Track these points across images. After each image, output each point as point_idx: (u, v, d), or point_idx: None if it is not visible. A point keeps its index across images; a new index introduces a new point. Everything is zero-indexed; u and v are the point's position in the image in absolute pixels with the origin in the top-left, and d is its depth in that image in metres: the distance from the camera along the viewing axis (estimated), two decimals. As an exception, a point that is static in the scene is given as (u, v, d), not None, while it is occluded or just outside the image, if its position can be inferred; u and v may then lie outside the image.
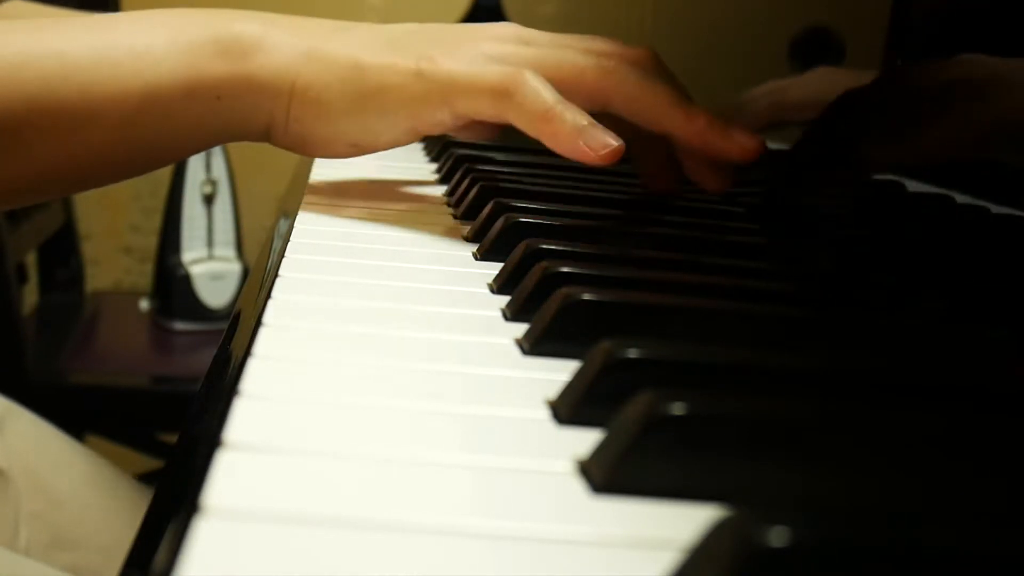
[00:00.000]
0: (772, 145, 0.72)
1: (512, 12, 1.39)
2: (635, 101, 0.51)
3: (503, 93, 0.49)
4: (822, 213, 0.63)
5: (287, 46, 0.51)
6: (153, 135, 0.51)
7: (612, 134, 0.48)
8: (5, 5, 0.88)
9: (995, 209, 0.62)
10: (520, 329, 0.38)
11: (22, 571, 0.68)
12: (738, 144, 0.51)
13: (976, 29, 0.69)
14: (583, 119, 0.48)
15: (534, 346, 0.36)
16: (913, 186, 0.70)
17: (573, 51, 0.52)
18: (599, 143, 0.48)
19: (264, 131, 0.53)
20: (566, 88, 0.50)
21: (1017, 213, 0.56)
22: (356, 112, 0.51)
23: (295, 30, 0.52)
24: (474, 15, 1.42)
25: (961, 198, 0.65)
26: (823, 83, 0.78)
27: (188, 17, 0.51)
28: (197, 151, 0.55)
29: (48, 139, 0.48)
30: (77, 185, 0.54)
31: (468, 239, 0.53)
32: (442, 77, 0.50)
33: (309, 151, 0.54)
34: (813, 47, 0.93)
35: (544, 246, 0.43)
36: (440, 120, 0.51)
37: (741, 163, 0.51)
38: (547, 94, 0.49)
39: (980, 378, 0.33)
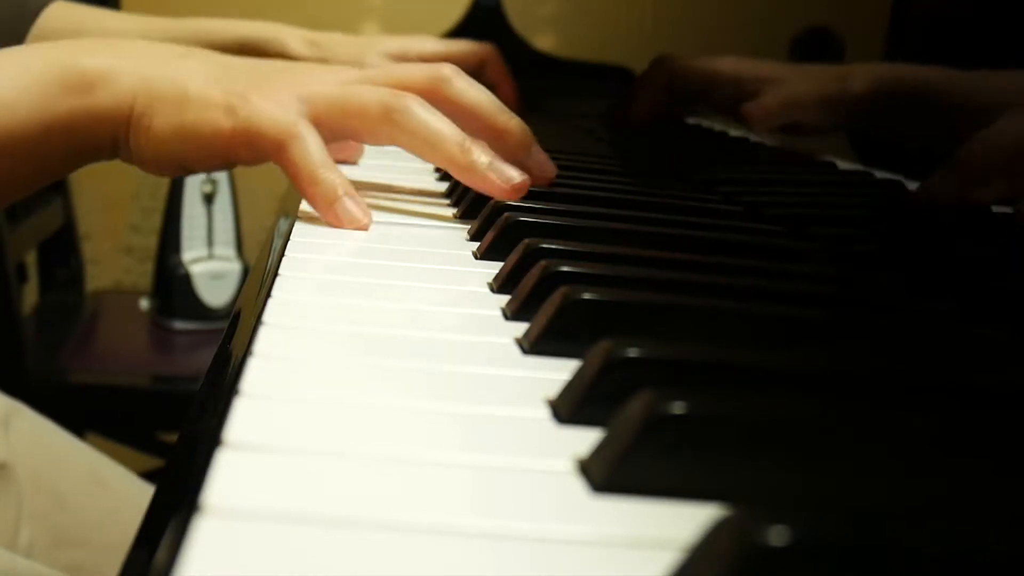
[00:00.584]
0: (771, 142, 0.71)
1: (512, 12, 1.39)
2: (415, 138, 0.54)
3: (279, 144, 0.52)
4: (822, 211, 0.63)
5: (128, 75, 0.54)
6: (15, 170, 0.55)
7: (364, 207, 0.52)
8: (51, 8, 0.89)
9: (995, 208, 0.62)
10: (520, 328, 0.38)
11: (20, 572, 0.68)
12: (495, 185, 0.54)
13: (975, 29, 0.69)
14: (341, 189, 0.52)
15: (534, 345, 0.36)
16: (912, 186, 0.70)
17: (368, 89, 0.55)
18: (351, 219, 0.52)
19: (112, 152, 0.56)
20: (353, 122, 0.54)
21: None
22: (175, 142, 0.54)
23: (139, 57, 0.56)
24: (474, 15, 1.42)
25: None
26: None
27: (37, 55, 0.55)
28: (55, 179, 0.59)
29: None
30: None
31: (468, 239, 0.53)
32: (244, 115, 0.53)
33: (147, 169, 0.57)
34: (813, 47, 0.93)
35: (544, 246, 0.43)
36: (246, 157, 0.54)
37: (506, 198, 0.54)
38: (316, 155, 0.52)
39: (980, 378, 0.33)
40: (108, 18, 0.91)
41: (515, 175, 0.54)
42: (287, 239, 0.48)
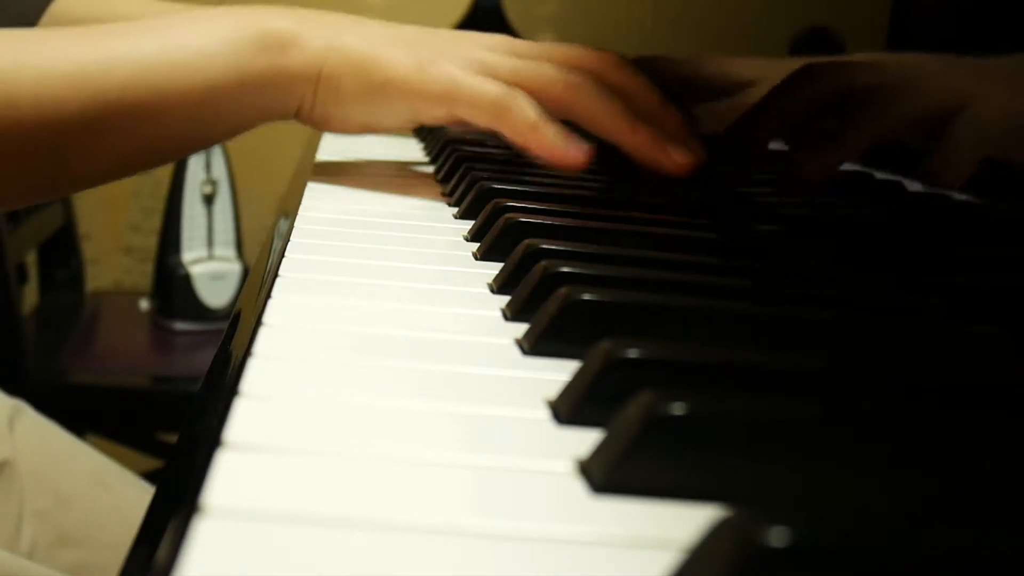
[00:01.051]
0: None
1: (512, 12, 1.39)
2: (591, 116, 0.59)
3: (499, 108, 0.57)
4: (822, 212, 0.63)
5: (315, 39, 0.58)
6: (212, 121, 0.59)
7: (583, 141, 0.57)
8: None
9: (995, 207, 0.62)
10: (520, 329, 0.38)
11: (23, 572, 0.68)
12: (672, 160, 0.59)
13: (975, 29, 0.69)
14: (563, 130, 0.57)
15: (534, 346, 0.36)
16: (913, 186, 0.70)
17: (548, 65, 0.60)
18: (576, 156, 0.57)
19: (294, 112, 0.61)
20: (536, 96, 0.58)
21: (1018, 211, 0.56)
22: (365, 100, 0.59)
23: (321, 24, 0.60)
24: (474, 15, 1.42)
25: (959, 196, 0.65)
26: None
27: (232, 17, 0.58)
28: (244, 131, 0.62)
29: (128, 133, 0.56)
30: (149, 166, 0.62)
31: (468, 239, 0.53)
32: (443, 78, 0.58)
33: (327, 128, 0.62)
34: (813, 47, 0.93)
35: (544, 246, 0.43)
36: (437, 117, 0.59)
37: (676, 176, 0.59)
38: (533, 112, 0.57)
39: (980, 378, 0.33)
40: (122, 2, 0.91)
41: (684, 153, 0.59)
42: (287, 239, 0.48)
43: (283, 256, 0.45)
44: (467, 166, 0.65)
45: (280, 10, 0.60)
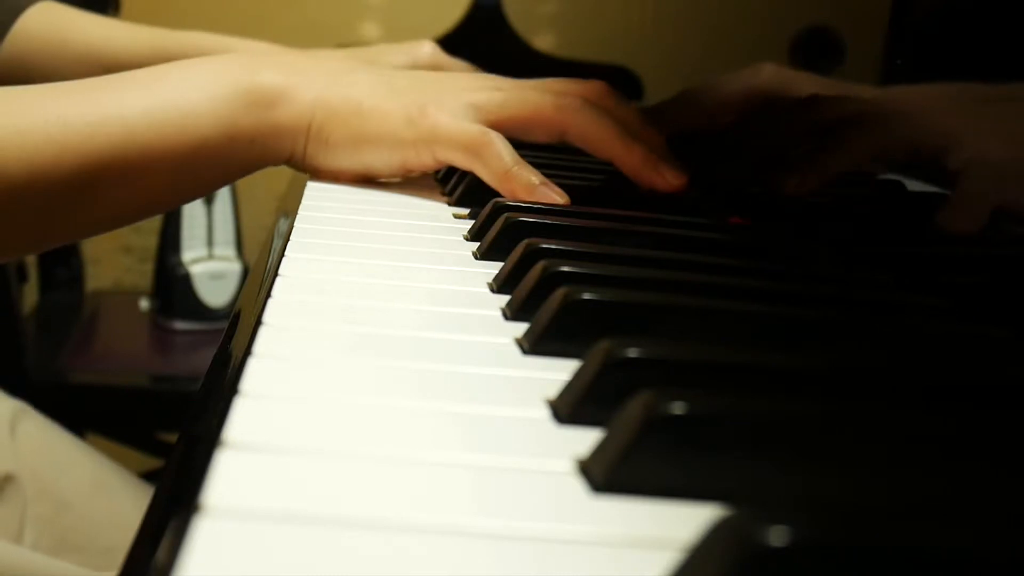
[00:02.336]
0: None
1: (512, 12, 1.39)
2: (585, 133, 0.60)
3: (472, 151, 0.58)
4: (822, 211, 0.63)
5: (305, 92, 0.59)
6: (201, 175, 0.59)
7: (558, 190, 0.57)
8: (35, 8, 0.88)
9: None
10: (520, 329, 0.38)
11: (33, 567, 0.68)
12: (664, 179, 0.60)
13: (976, 29, 0.69)
14: (535, 178, 0.57)
15: (534, 345, 0.36)
16: (913, 186, 0.70)
17: (535, 92, 0.61)
18: (549, 200, 0.56)
19: (284, 160, 0.61)
20: (529, 123, 0.60)
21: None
22: (355, 151, 0.60)
23: (311, 75, 0.60)
24: (474, 15, 1.42)
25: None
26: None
27: (221, 69, 0.58)
28: (235, 180, 0.63)
29: (117, 191, 0.56)
30: (141, 218, 0.62)
31: (468, 238, 0.53)
32: (427, 127, 0.58)
33: (319, 178, 0.62)
34: (813, 47, 0.93)
35: (544, 246, 0.43)
36: (425, 162, 0.60)
37: (665, 192, 0.60)
38: (507, 155, 0.57)
39: (980, 378, 0.33)
40: (93, 25, 0.90)
41: (675, 173, 0.60)
42: (287, 239, 0.48)
43: (283, 256, 0.45)
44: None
45: (270, 61, 0.61)
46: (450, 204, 0.62)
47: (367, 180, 0.62)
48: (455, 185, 0.64)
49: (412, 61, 0.90)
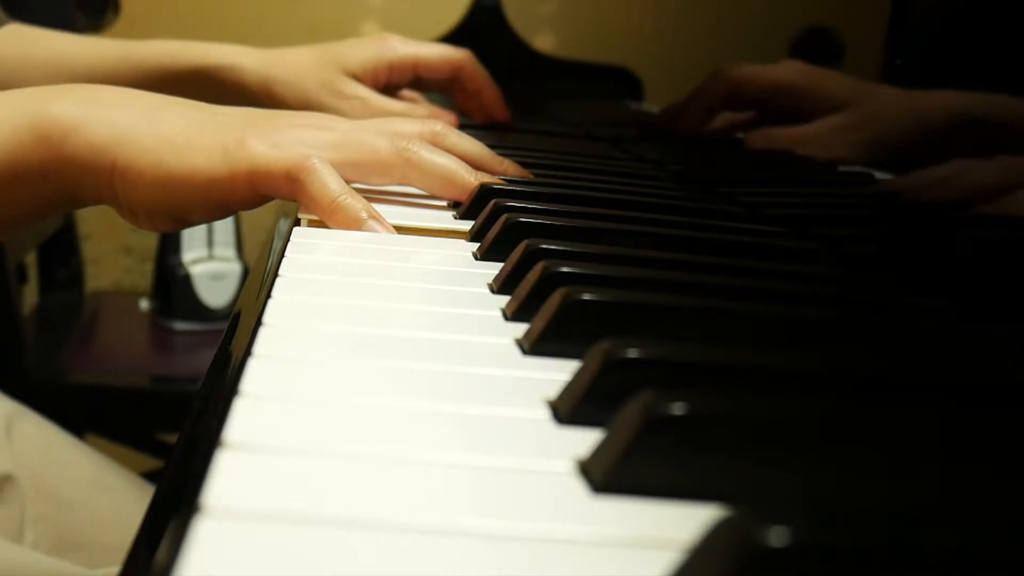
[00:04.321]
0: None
1: (512, 12, 1.39)
2: (426, 177, 0.57)
3: (294, 178, 0.52)
4: (824, 214, 0.63)
5: (105, 125, 0.52)
6: None
7: (386, 224, 0.53)
8: (4, 30, 0.88)
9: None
10: (520, 329, 0.38)
11: (32, 565, 0.68)
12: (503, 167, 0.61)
13: (976, 29, 0.69)
14: (364, 211, 0.52)
15: (534, 346, 0.36)
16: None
17: (371, 133, 0.57)
18: (379, 232, 0.52)
19: (97, 200, 0.55)
20: (365, 168, 0.56)
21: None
22: (170, 192, 0.53)
23: (116, 106, 0.54)
24: (474, 15, 1.42)
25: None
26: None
27: (12, 101, 0.53)
28: (37, 221, 0.58)
29: None
30: None
31: (468, 239, 0.53)
32: (245, 158, 0.52)
33: (139, 223, 0.56)
34: (813, 47, 0.93)
35: (544, 246, 0.43)
36: (244, 197, 0.53)
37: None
38: (333, 184, 0.52)
39: (980, 378, 0.33)
40: (61, 41, 0.89)
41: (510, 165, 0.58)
42: (287, 240, 0.48)
43: (283, 256, 0.45)
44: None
45: (70, 91, 0.55)
46: (450, 204, 0.62)
47: (183, 224, 0.56)
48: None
49: (379, 55, 0.87)
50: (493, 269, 0.46)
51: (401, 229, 0.53)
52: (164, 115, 0.54)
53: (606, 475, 0.26)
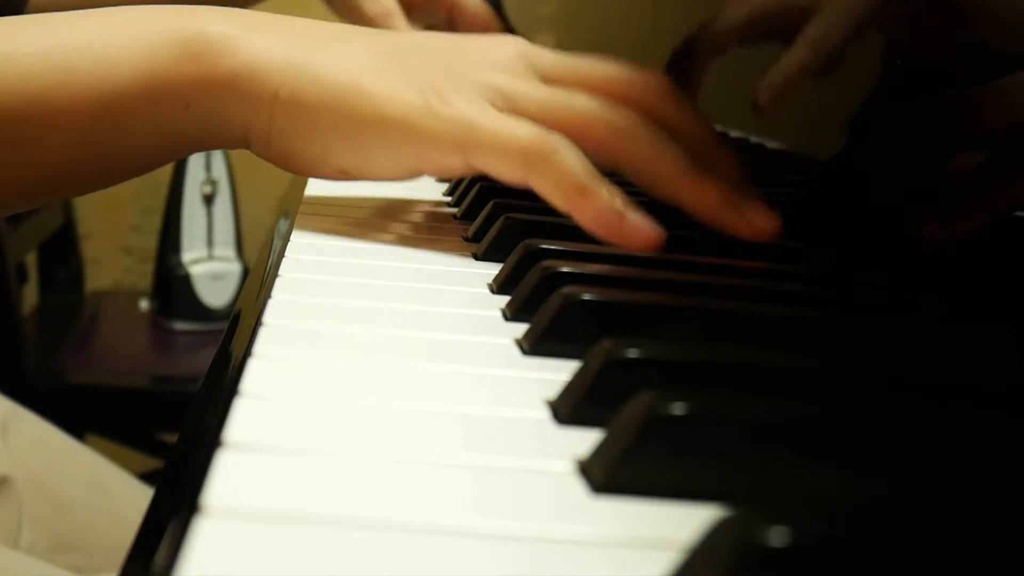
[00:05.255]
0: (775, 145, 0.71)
1: (512, 12, 1.39)
2: (643, 168, 0.46)
3: (533, 160, 0.44)
4: (823, 214, 0.63)
5: (269, 50, 0.45)
6: (118, 143, 0.46)
7: (648, 221, 0.44)
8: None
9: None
10: (520, 329, 0.38)
11: (26, 571, 0.68)
12: (751, 225, 0.45)
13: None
14: (619, 200, 0.43)
15: (534, 346, 0.36)
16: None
17: (584, 96, 0.46)
18: (637, 234, 0.43)
19: (242, 140, 0.48)
20: (569, 138, 0.45)
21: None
22: (351, 138, 0.46)
23: (280, 34, 0.46)
24: (474, 15, 1.41)
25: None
26: None
27: (155, 15, 0.46)
28: (166, 162, 0.50)
29: (4, 154, 0.45)
30: (25, 203, 0.50)
31: (468, 239, 0.53)
32: (459, 123, 0.44)
33: (293, 168, 0.48)
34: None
35: (544, 246, 0.43)
36: (450, 167, 0.46)
37: (754, 241, 0.46)
38: (580, 166, 0.43)
39: (980, 378, 0.33)
40: None
41: (765, 217, 0.45)
42: (287, 240, 0.48)
43: (283, 256, 0.45)
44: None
45: (224, 11, 0.46)
46: (450, 204, 0.62)
47: (348, 177, 0.48)
48: (455, 185, 0.64)
49: None
50: (493, 269, 0.46)
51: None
52: (342, 47, 0.46)
53: (606, 475, 0.26)
